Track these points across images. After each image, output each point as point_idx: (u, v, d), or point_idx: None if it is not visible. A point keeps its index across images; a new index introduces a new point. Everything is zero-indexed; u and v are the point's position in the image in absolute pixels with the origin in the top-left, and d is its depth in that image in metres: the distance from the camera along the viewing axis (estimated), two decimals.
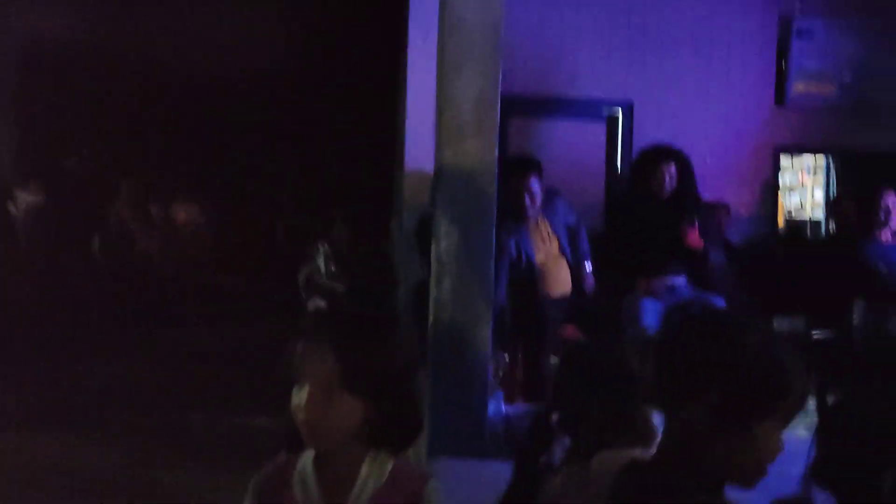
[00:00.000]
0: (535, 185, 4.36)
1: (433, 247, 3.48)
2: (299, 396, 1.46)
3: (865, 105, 6.56)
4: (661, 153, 4.60)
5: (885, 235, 4.66)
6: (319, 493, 1.49)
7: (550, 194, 4.54)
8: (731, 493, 1.31)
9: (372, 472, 1.49)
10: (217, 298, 9.07)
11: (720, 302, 4.32)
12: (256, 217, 10.57)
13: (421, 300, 5.44)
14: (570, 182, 5.77)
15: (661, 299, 4.38)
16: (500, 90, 3.38)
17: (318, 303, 6.41)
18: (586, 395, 1.69)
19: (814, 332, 4.63)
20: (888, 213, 4.62)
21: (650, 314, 4.28)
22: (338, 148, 10.21)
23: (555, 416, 1.81)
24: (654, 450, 1.42)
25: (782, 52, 6.59)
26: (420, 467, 2.26)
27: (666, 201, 4.55)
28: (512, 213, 4.01)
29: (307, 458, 1.52)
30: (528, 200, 4.33)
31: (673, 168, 4.55)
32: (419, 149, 6.61)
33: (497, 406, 3.59)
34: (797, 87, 6.57)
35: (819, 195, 8.15)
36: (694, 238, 4.40)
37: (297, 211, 10.57)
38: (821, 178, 7.77)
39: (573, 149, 6.66)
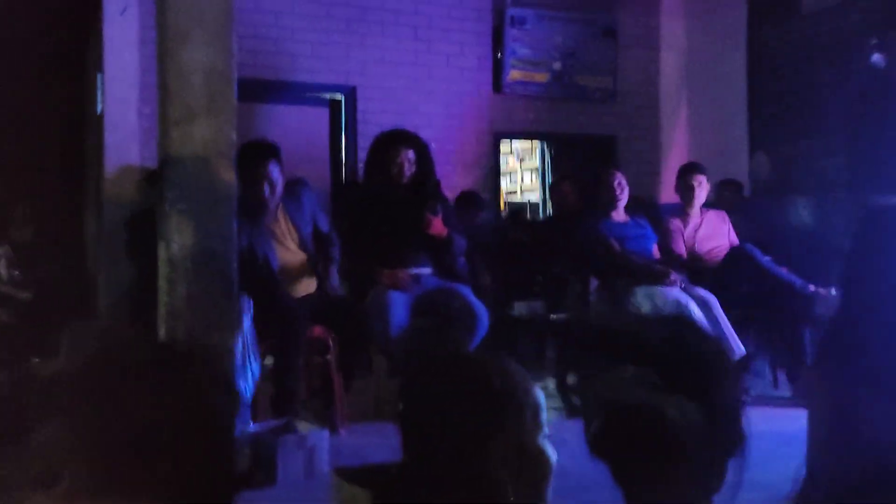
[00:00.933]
0: (275, 172, 3.94)
1: (161, 248, 2.94)
2: None
3: (575, 91, 6.90)
4: (399, 138, 4.37)
5: (617, 214, 4.83)
6: None
7: (294, 184, 4.13)
8: None
9: None
10: None
11: (466, 291, 4.22)
12: None
13: (137, 306, 4.79)
14: (293, 170, 5.41)
15: (407, 291, 4.17)
16: (235, 61, 2.92)
17: None
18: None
19: (552, 315, 4.69)
20: (618, 191, 4.80)
21: (398, 308, 4.06)
22: (15, 138, 8.91)
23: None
24: None
25: (498, 40, 6.72)
26: None
27: (406, 188, 4.34)
28: (247, 206, 3.56)
29: None
30: (266, 190, 3.89)
31: (411, 153, 4.34)
32: (120, 136, 5.89)
33: (243, 425, 3.15)
34: (512, 74, 6.73)
35: (531, 178, 8.53)
36: (438, 226, 4.24)
37: None
38: (535, 161, 8.13)
39: (295, 134, 6.29)
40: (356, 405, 4.24)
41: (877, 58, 3.33)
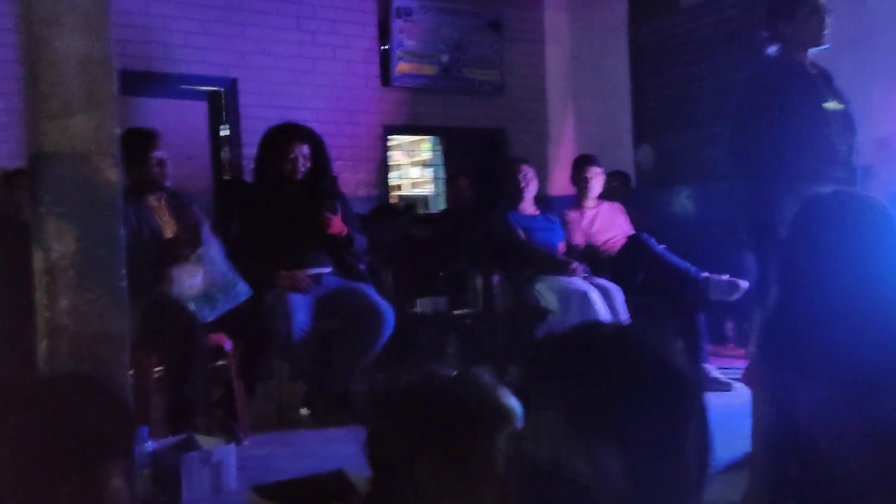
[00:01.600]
0: (162, 153, 3.67)
1: (38, 257, 2.65)
2: None
3: (463, 84, 6.84)
4: (292, 133, 4.17)
5: (525, 206, 4.79)
6: None
7: (174, 191, 3.86)
8: None
9: None
10: None
11: (370, 290, 4.07)
12: None
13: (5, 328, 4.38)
14: (173, 165, 5.11)
15: (308, 293, 3.99)
16: (113, 50, 2.66)
17: None
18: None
19: (455, 311, 4.61)
20: (525, 183, 4.75)
21: (300, 310, 3.87)
22: None
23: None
24: None
25: (384, 32, 6.58)
26: None
27: (300, 185, 4.15)
28: (132, 189, 3.30)
29: None
30: (154, 172, 3.63)
31: (306, 148, 4.15)
32: None
33: (140, 444, 2.90)
34: (400, 66, 6.61)
35: (418, 172, 8.42)
36: (337, 225, 4.06)
37: None
38: (423, 155, 8.03)
39: (171, 130, 5.92)
40: (258, 413, 4.04)
41: (772, 49, 3.40)
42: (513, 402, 1.15)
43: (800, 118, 3.17)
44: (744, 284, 4.35)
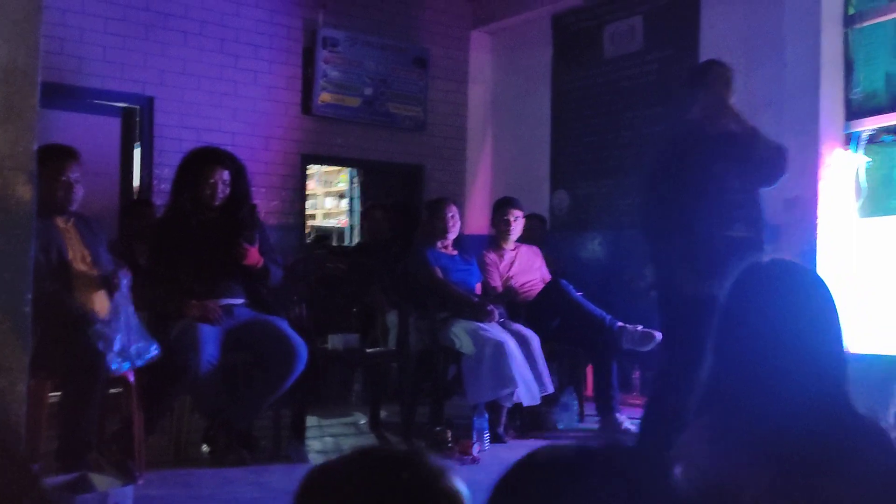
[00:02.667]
0: (76, 173, 3.47)
1: None
2: None
3: (386, 118, 6.80)
4: (213, 157, 4.03)
5: (445, 246, 4.76)
6: None
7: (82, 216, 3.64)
8: None
9: None
10: None
11: (283, 323, 3.94)
12: None
13: None
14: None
15: (218, 324, 3.83)
16: (39, 60, 2.51)
17: None
18: None
19: (367, 349, 4.51)
20: (450, 223, 4.72)
21: (208, 342, 3.71)
22: None
23: None
24: None
25: (309, 60, 6.50)
26: None
27: (218, 212, 4.00)
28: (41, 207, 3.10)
29: None
30: (62, 193, 3.42)
31: (226, 174, 4.01)
32: None
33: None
34: (323, 96, 6.53)
35: (332, 203, 8.32)
36: (254, 256, 3.93)
37: None
38: (339, 186, 7.93)
39: (80, 144, 5.66)
40: (153, 447, 3.83)
41: (690, 114, 3.58)
42: (462, 487, 1.06)
43: (702, 183, 3.37)
44: (658, 336, 4.41)
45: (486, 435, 4.11)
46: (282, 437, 4.11)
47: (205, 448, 4.00)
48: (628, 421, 4.56)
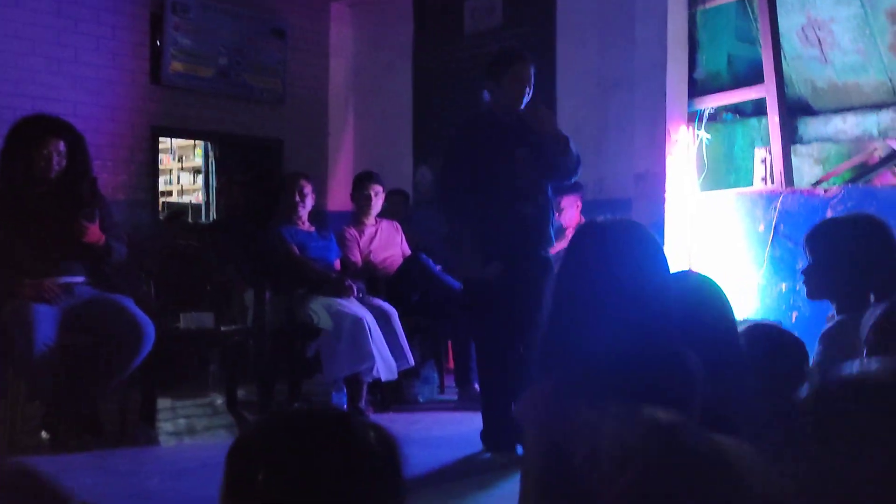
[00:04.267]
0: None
1: None
2: None
3: (242, 90, 6.57)
4: (47, 126, 3.76)
5: (301, 222, 4.64)
6: None
7: None
8: None
9: None
10: None
11: (128, 302, 3.75)
12: None
13: None
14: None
15: (55, 304, 3.60)
16: None
17: None
18: None
19: (223, 327, 4.36)
20: (302, 199, 4.61)
21: (44, 322, 3.48)
22: None
23: None
24: None
25: (157, 27, 6.18)
26: None
27: (54, 185, 3.75)
28: None
29: None
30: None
31: (62, 145, 3.76)
32: None
33: None
34: (174, 65, 6.23)
35: (191, 179, 8.00)
36: (94, 234, 3.70)
37: None
38: (196, 161, 7.62)
39: None
40: None
41: (483, 103, 3.81)
42: (392, 438, 1.04)
43: (490, 164, 3.62)
44: None
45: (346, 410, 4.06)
46: (129, 420, 3.93)
47: (44, 435, 3.77)
48: None
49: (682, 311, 1.76)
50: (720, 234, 4.77)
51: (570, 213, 5.07)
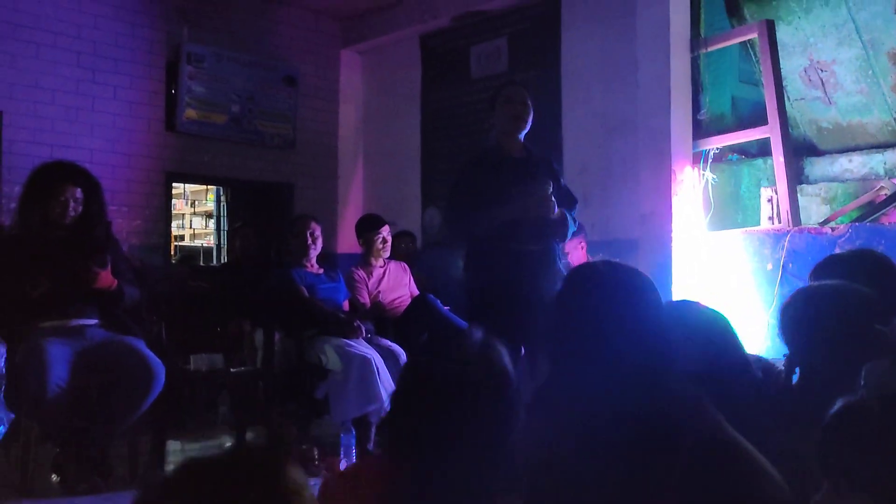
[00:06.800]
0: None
1: None
2: None
3: (254, 136, 6.69)
4: (64, 172, 3.85)
5: (310, 264, 4.70)
6: None
7: None
8: None
9: None
10: None
11: (139, 344, 3.79)
12: None
13: None
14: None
15: (71, 343, 3.65)
16: None
17: None
18: None
19: (232, 368, 4.39)
20: (312, 241, 4.67)
21: (57, 364, 3.52)
22: None
23: None
24: None
25: (172, 76, 6.33)
26: None
27: (69, 231, 3.83)
28: None
29: None
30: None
31: (78, 192, 3.84)
32: None
33: None
34: (188, 113, 6.37)
35: (203, 223, 8.10)
36: (106, 279, 3.76)
37: None
38: (207, 205, 7.73)
39: None
40: None
41: (488, 137, 3.87)
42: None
43: (496, 201, 3.58)
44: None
45: (354, 451, 4.06)
46: (139, 463, 3.94)
47: (54, 477, 3.79)
48: None
49: (687, 345, 1.74)
50: (729, 273, 4.79)
51: (576, 255, 5.10)
